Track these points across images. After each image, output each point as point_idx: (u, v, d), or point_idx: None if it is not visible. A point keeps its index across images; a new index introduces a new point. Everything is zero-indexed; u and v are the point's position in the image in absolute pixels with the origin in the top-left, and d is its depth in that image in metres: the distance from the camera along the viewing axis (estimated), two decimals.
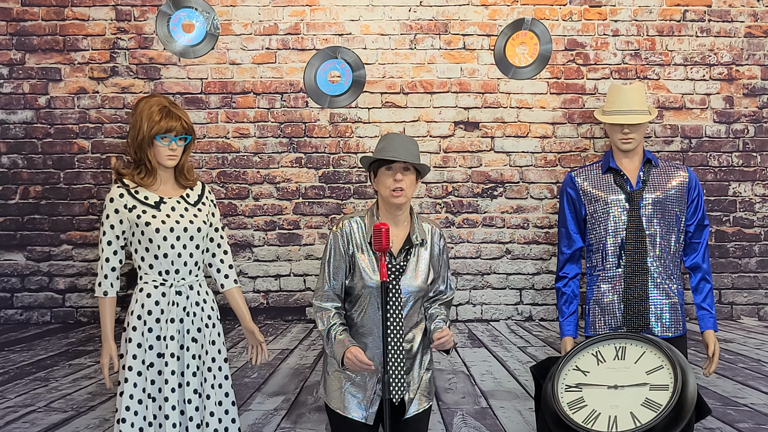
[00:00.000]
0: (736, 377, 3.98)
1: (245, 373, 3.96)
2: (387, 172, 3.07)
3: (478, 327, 4.05)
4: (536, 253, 4.06)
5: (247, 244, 4.03)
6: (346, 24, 4.03)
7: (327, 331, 3.10)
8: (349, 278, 3.12)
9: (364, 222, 3.15)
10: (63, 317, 4.00)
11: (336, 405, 3.12)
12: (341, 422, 3.13)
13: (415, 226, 3.15)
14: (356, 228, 3.14)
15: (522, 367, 3.97)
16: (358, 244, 3.11)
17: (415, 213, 3.21)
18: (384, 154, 3.06)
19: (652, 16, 4.06)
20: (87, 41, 4.00)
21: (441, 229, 3.28)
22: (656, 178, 3.50)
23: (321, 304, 3.15)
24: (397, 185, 3.04)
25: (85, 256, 3.99)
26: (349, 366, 3.00)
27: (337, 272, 3.13)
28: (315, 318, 3.18)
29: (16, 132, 4.00)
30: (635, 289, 3.43)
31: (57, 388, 3.93)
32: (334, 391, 3.13)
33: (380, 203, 3.16)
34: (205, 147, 4.01)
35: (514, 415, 3.90)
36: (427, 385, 3.19)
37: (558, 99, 4.06)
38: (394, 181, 3.04)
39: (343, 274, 3.13)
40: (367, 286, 3.08)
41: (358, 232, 3.13)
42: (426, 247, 3.16)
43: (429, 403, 3.20)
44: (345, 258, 3.12)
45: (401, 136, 3.20)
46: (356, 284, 3.10)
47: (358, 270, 3.09)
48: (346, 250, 3.11)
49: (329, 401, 3.15)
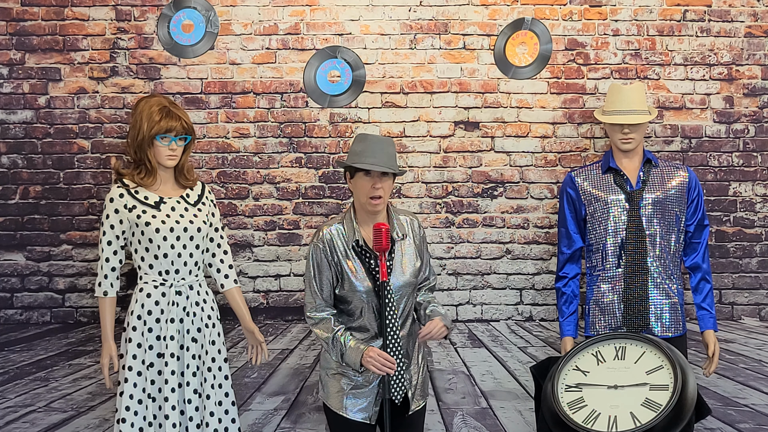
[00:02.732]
0: (737, 377, 3.98)
1: (245, 373, 3.96)
2: (365, 177, 2.97)
3: (479, 327, 4.05)
4: (536, 253, 4.06)
5: (247, 244, 4.03)
6: (346, 24, 4.03)
7: (332, 338, 3.02)
8: (338, 287, 3.06)
9: (343, 227, 3.06)
10: (63, 317, 4.00)
11: (336, 406, 3.11)
12: (341, 423, 3.12)
13: (394, 222, 3.10)
14: (336, 235, 3.05)
15: (522, 367, 3.97)
16: (341, 251, 3.03)
17: (392, 207, 3.14)
18: (363, 160, 2.96)
19: (652, 16, 4.05)
20: (87, 41, 4.00)
21: (416, 217, 3.20)
22: (656, 178, 3.50)
23: (316, 314, 3.07)
24: (375, 193, 2.96)
25: (85, 256, 3.99)
26: (371, 366, 2.93)
27: (324, 284, 3.05)
28: (313, 330, 3.09)
29: (16, 132, 4.00)
30: (635, 289, 3.42)
31: (57, 388, 3.93)
32: (334, 393, 3.11)
33: (356, 206, 3.08)
34: (205, 147, 4.01)
35: (514, 415, 3.90)
36: (423, 381, 3.18)
37: (558, 99, 4.05)
38: (373, 188, 2.95)
39: (331, 285, 3.05)
40: (357, 291, 3.02)
41: (339, 239, 3.05)
42: (408, 240, 3.11)
43: (425, 401, 3.19)
44: (330, 268, 3.04)
45: (378, 138, 3.06)
46: (347, 292, 3.04)
47: (346, 277, 3.03)
48: (330, 260, 3.03)
49: (329, 402, 3.14)
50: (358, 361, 2.96)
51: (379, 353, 2.93)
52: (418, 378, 3.14)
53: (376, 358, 2.92)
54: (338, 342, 3.01)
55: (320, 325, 3.07)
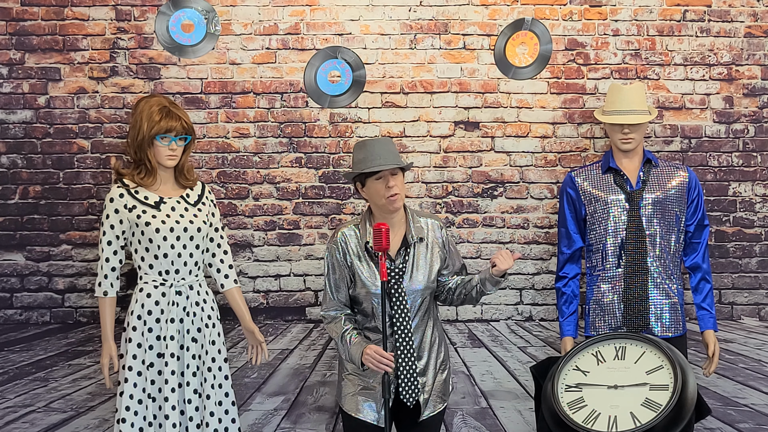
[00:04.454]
0: (737, 377, 3.98)
1: (245, 373, 3.96)
2: (377, 181, 3.01)
3: (478, 327, 4.05)
4: (536, 253, 4.06)
5: (247, 244, 4.03)
6: (346, 24, 4.03)
7: (341, 336, 3.09)
8: (352, 288, 3.11)
9: (358, 230, 3.12)
10: (62, 317, 3.99)
11: (349, 407, 3.13)
12: (355, 424, 3.13)
13: (411, 225, 3.12)
14: (351, 237, 3.11)
15: (522, 367, 3.97)
16: (355, 253, 3.09)
17: (410, 210, 3.17)
18: (370, 165, 3.00)
19: (652, 16, 4.05)
20: (87, 41, 4.00)
21: (440, 220, 3.23)
22: (656, 178, 3.50)
23: (328, 313, 3.16)
24: (391, 192, 3.00)
25: (85, 256, 3.99)
26: (369, 363, 2.96)
27: (339, 285, 3.12)
28: (327, 328, 3.19)
29: (16, 132, 4.00)
30: (635, 289, 3.42)
31: (56, 389, 3.93)
32: (349, 395, 3.14)
33: (374, 209, 3.11)
34: (205, 147, 4.01)
35: (514, 415, 3.90)
36: (442, 385, 3.18)
37: (558, 99, 4.05)
38: (387, 188, 3.00)
39: (346, 286, 3.12)
40: (371, 293, 3.07)
41: (353, 241, 3.10)
42: (426, 243, 3.14)
43: (444, 404, 3.19)
44: (344, 269, 3.10)
45: (377, 140, 3.11)
46: (360, 293, 3.09)
47: (359, 279, 3.08)
48: (344, 261, 3.09)
49: (343, 404, 3.16)
50: (358, 358, 2.99)
51: (376, 350, 2.95)
52: (434, 382, 3.14)
53: (372, 355, 2.95)
54: (345, 340, 3.08)
55: (332, 324, 3.15)
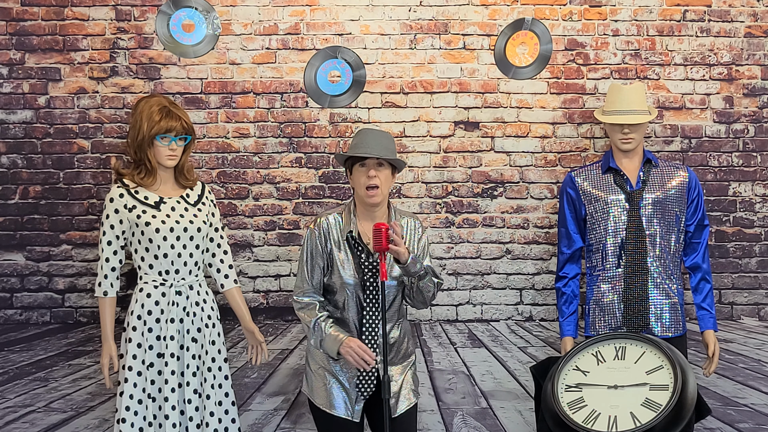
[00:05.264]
0: (737, 377, 3.98)
1: (245, 373, 3.96)
2: (361, 169, 3.00)
3: (479, 327, 4.05)
4: (536, 253, 4.06)
5: (247, 244, 4.03)
6: (346, 24, 4.03)
7: (314, 323, 3.04)
8: (327, 275, 3.08)
9: (341, 218, 3.09)
10: (62, 317, 3.99)
11: (321, 402, 3.11)
12: (327, 420, 3.11)
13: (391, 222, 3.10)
14: (333, 224, 3.08)
15: (522, 367, 3.97)
16: (335, 240, 3.06)
17: (394, 208, 3.16)
18: (356, 150, 2.99)
19: (652, 16, 4.05)
20: (87, 41, 4.00)
21: (418, 219, 3.20)
22: (656, 178, 3.50)
23: (302, 298, 3.10)
24: (370, 182, 2.97)
25: (85, 256, 3.99)
26: (349, 356, 2.95)
27: (315, 270, 3.08)
28: (298, 314, 3.13)
29: (16, 132, 4.00)
30: (635, 289, 3.42)
31: (56, 389, 3.93)
32: (319, 389, 3.11)
33: (357, 201, 3.10)
34: (205, 147, 4.01)
35: (514, 415, 3.90)
36: (412, 380, 3.18)
37: (558, 99, 4.05)
38: (368, 177, 2.97)
39: (321, 272, 3.08)
40: (345, 283, 3.05)
41: (335, 228, 3.08)
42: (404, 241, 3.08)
43: (416, 398, 3.19)
44: (323, 254, 3.07)
45: (375, 130, 3.10)
46: (335, 282, 3.07)
47: (335, 267, 3.05)
48: (324, 247, 3.07)
49: (314, 398, 3.14)
50: (335, 349, 2.98)
51: (360, 345, 2.96)
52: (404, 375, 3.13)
53: (355, 349, 2.94)
54: (319, 328, 3.03)
55: (305, 309, 3.10)
